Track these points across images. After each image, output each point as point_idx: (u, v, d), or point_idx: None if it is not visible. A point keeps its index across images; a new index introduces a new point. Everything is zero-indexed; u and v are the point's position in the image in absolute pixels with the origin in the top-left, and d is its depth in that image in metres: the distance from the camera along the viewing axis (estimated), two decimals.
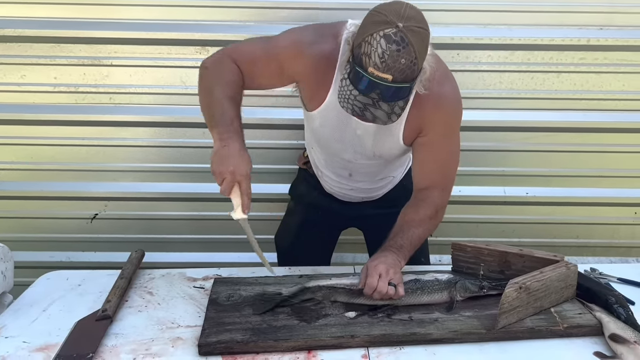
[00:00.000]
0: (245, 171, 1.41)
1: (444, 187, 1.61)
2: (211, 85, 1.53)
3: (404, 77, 1.32)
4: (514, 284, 1.38)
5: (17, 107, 2.24)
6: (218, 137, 1.44)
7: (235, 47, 1.60)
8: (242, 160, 1.41)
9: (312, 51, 1.51)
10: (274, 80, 1.60)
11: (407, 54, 1.29)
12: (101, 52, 2.19)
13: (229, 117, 1.46)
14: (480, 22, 2.20)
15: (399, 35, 1.28)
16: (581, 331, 1.39)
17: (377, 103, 1.35)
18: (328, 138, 1.66)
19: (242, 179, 1.40)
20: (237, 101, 1.53)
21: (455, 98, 1.57)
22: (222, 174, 1.39)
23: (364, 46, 1.31)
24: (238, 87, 1.54)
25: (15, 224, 2.38)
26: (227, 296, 1.53)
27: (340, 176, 1.78)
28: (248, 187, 1.42)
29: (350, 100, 1.37)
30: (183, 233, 2.42)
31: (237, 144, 1.43)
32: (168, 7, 2.15)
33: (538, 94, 2.29)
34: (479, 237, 2.41)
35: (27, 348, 1.34)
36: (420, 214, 1.57)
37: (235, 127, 1.46)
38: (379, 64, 1.29)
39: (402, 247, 1.52)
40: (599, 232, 2.49)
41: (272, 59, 1.54)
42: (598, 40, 2.22)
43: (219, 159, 1.40)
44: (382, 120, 1.39)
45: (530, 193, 2.41)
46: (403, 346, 1.34)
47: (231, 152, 1.40)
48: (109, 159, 2.32)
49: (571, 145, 2.36)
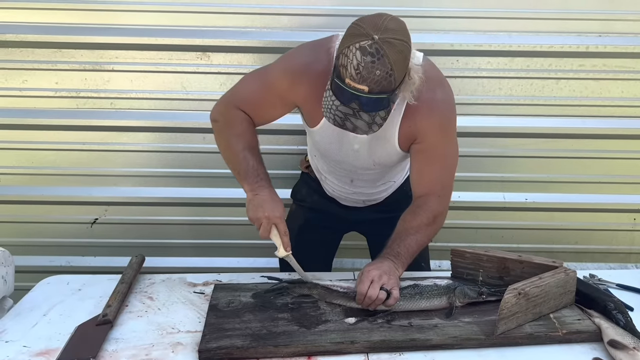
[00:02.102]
0: (280, 214, 1.53)
1: (441, 194, 1.61)
2: (227, 139, 1.63)
3: (381, 88, 1.33)
4: (513, 290, 1.39)
5: (19, 112, 2.24)
6: (249, 188, 1.57)
7: (233, 92, 1.67)
8: (275, 205, 1.53)
9: (306, 75, 1.54)
10: (279, 110, 1.67)
11: (382, 65, 1.30)
12: (102, 58, 2.20)
13: (253, 167, 1.58)
14: (479, 29, 2.21)
15: (374, 47, 1.30)
16: (580, 337, 1.40)
17: (358, 113, 1.37)
18: (328, 152, 1.69)
19: (277, 221, 1.52)
20: (255, 147, 1.63)
21: (448, 103, 1.57)
22: (258, 220, 1.52)
23: (341, 58, 1.34)
24: (251, 133, 1.64)
25: (16, 228, 2.38)
26: (227, 302, 1.53)
27: (342, 182, 1.81)
28: (284, 227, 1.54)
29: (332, 110, 1.39)
30: (183, 238, 2.42)
31: (267, 190, 1.55)
32: (169, 13, 2.16)
33: (537, 101, 2.29)
34: (478, 242, 2.41)
35: (28, 352, 1.34)
36: (417, 220, 1.58)
37: (262, 176, 1.58)
38: (354, 75, 1.31)
39: (399, 254, 1.53)
40: (597, 238, 2.49)
41: (271, 93, 1.60)
42: (597, 47, 2.23)
43: (254, 207, 1.53)
44: (363, 130, 1.40)
45: (529, 199, 2.42)
46: (403, 352, 1.35)
47: (264, 199, 1.53)
48: (109, 164, 2.32)
49: (570, 152, 2.36)
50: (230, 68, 2.22)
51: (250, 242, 2.38)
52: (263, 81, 1.62)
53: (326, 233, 1.96)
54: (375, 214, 1.88)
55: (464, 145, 2.31)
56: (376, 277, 1.44)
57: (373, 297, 1.42)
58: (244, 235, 2.38)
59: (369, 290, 1.42)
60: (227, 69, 2.22)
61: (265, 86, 1.61)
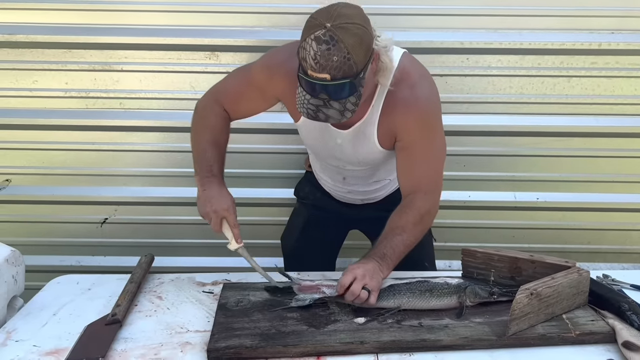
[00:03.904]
0: (227, 206, 1.55)
1: (427, 191, 1.58)
2: (197, 129, 1.69)
3: (343, 74, 1.34)
4: (525, 290, 1.37)
5: (29, 112, 2.26)
6: (199, 182, 1.61)
7: (216, 86, 1.73)
8: (222, 199, 1.56)
9: (284, 69, 1.56)
10: (259, 103, 1.70)
11: (338, 50, 1.31)
12: (112, 58, 2.21)
13: (207, 161, 1.62)
14: (490, 27, 2.19)
15: (327, 34, 1.31)
16: (594, 338, 1.37)
17: (328, 103, 1.38)
18: (314, 148, 1.73)
19: (226, 214, 1.55)
20: (221, 143, 1.67)
21: (427, 99, 1.55)
22: (207, 215, 1.56)
23: (300, 52, 1.36)
24: (221, 129, 1.68)
25: (26, 228, 2.39)
26: (236, 301, 1.53)
27: (335, 180, 1.83)
28: (233, 220, 1.56)
29: (305, 105, 1.40)
30: (192, 237, 2.42)
31: (215, 185, 1.59)
32: (178, 12, 2.17)
33: (548, 99, 2.27)
34: (489, 242, 2.39)
35: (37, 352, 1.34)
36: (402, 220, 1.56)
37: (214, 171, 1.61)
38: (313, 65, 1.33)
39: (384, 255, 1.51)
40: (610, 238, 2.46)
41: (252, 86, 1.65)
42: (609, 45, 2.20)
43: (202, 202, 1.57)
44: (336, 119, 1.41)
45: (540, 198, 2.39)
46: (413, 352, 1.33)
47: (211, 194, 1.57)
48: (119, 164, 2.33)
49: (582, 150, 2.34)
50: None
51: (258, 242, 2.37)
52: (244, 76, 1.67)
53: (329, 231, 1.97)
54: (375, 212, 1.86)
55: (474, 144, 2.32)
56: (359, 276, 1.43)
57: (356, 293, 1.41)
58: (252, 235, 2.37)
59: (353, 286, 1.42)
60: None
61: (245, 80, 1.66)
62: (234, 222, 1.55)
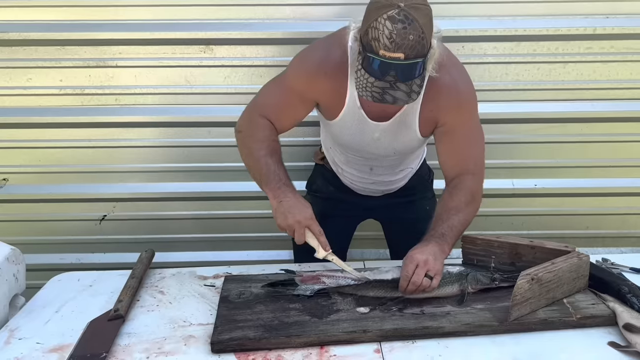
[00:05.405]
0: (309, 215, 1.51)
1: (474, 172, 1.61)
2: (249, 147, 1.62)
3: (416, 53, 1.33)
4: (526, 275, 1.38)
5: (24, 110, 2.24)
6: (272, 195, 1.55)
7: (254, 102, 1.68)
8: (302, 207, 1.52)
9: (322, 70, 1.55)
10: (301, 110, 1.66)
11: (413, 29, 1.31)
12: (106, 54, 2.19)
13: (274, 172, 1.56)
14: (484, 14, 2.18)
15: (402, 14, 1.31)
16: (595, 321, 1.39)
17: (395, 85, 1.36)
18: (348, 143, 1.69)
19: (309, 223, 1.51)
20: (277, 153, 1.62)
21: (466, 82, 1.58)
22: (290, 227, 1.51)
23: (370, 32, 1.33)
24: (273, 140, 1.63)
25: (26, 226, 2.38)
26: (238, 293, 1.53)
27: (361, 171, 1.81)
28: (318, 227, 1.52)
29: (368, 88, 1.38)
30: (192, 232, 2.42)
31: (290, 194, 1.53)
32: (171, 6, 2.15)
33: (545, 85, 2.27)
34: (488, 230, 2.38)
35: (41, 349, 1.35)
36: (455, 200, 1.57)
37: (284, 180, 1.56)
38: (388, 44, 1.31)
39: (443, 234, 1.52)
40: (608, 223, 2.47)
41: (291, 95, 1.61)
42: (604, 29, 2.20)
43: (282, 214, 1.51)
44: (403, 100, 1.39)
45: (538, 185, 2.40)
46: (415, 340, 1.34)
47: (290, 204, 1.51)
48: (116, 160, 2.32)
49: (579, 136, 2.34)
50: (234, 61, 2.21)
51: (259, 235, 2.38)
52: (281, 85, 1.63)
53: (341, 222, 1.95)
54: (391, 199, 1.88)
55: None
56: (421, 262, 1.43)
57: (417, 282, 1.42)
58: (253, 228, 2.39)
59: (414, 276, 1.42)
60: (231, 62, 2.21)
61: (284, 89, 1.62)
62: (319, 230, 1.52)
